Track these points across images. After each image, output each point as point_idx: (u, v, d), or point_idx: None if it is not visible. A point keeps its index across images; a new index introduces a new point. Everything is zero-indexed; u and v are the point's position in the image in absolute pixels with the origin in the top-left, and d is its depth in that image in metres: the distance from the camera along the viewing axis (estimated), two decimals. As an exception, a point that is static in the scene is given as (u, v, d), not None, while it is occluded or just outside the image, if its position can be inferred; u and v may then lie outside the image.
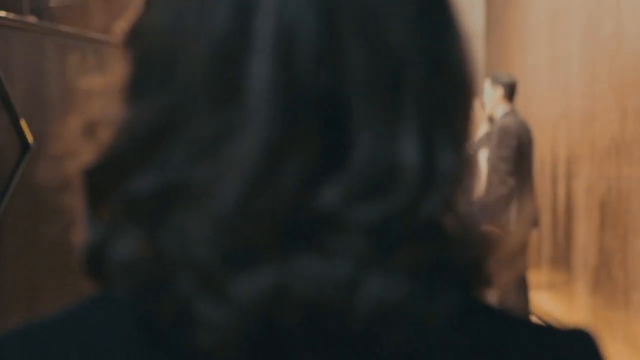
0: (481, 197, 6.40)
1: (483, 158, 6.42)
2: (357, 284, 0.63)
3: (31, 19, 5.18)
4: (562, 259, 7.00)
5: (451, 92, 0.69)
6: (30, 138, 4.40)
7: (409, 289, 0.64)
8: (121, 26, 0.70)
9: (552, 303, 7.40)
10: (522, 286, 6.21)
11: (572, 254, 6.65)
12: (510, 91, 6.25)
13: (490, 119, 6.37)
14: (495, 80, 6.26)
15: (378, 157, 0.65)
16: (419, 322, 0.65)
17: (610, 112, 5.70)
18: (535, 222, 6.19)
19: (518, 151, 6.09)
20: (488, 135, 6.32)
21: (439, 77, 0.68)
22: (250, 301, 0.63)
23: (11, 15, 4.57)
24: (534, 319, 6.39)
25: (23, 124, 4.38)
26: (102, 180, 0.68)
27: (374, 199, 0.64)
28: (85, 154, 0.69)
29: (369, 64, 0.65)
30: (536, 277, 7.96)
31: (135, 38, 0.69)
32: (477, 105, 6.87)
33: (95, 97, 0.70)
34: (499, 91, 6.22)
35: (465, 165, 0.70)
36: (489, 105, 6.29)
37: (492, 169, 6.10)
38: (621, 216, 5.44)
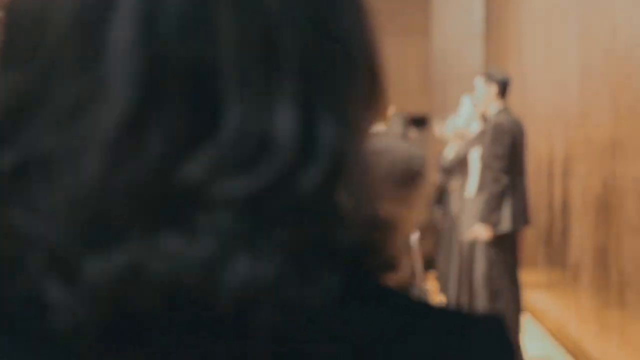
0: (475, 194, 6.39)
1: (476, 156, 6.41)
2: (222, 263, 0.60)
3: None
4: (558, 258, 6.99)
5: (337, 63, 0.66)
6: None
7: (280, 270, 0.61)
8: None
9: (548, 303, 7.39)
10: (514, 285, 6.19)
11: (568, 253, 6.64)
12: (504, 88, 6.24)
13: (484, 117, 6.36)
14: (489, 78, 6.25)
15: (249, 128, 0.62)
16: (293, 307, 0.62)
17: (605, 111, 5.69)
18: (526, 221, 6.18)
19: (511, 149, 6.08)
20: (481, 134, 6.32)
21: (321, 47, 0.65)
22: (101, 282, 0.60)
23: None
24: (520, 317, 6.35)
25: None
26: None
27: (242, 172, 0.62)
28: None
29: (242, 31, 0.63)
30: (532, 277, 7.96)
31: (10, 3, 0.67)
32: (470, 102, 6.86)
33: None
34: (493, 88, 6.21)
35: (359, 142, 0.66)
36: (482, 103, 6.28)
37: (485, 167, 6.10)
38: (616, 215, 5.43)
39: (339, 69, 0.66)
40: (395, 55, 11.59)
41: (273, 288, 0.61)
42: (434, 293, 7.54)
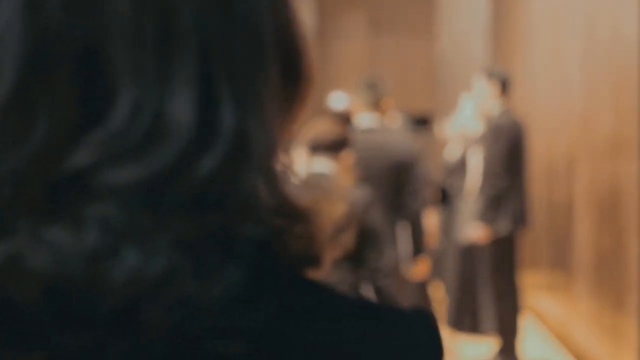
0: (474, 196, 6.35)
1: (478, 157, 6.37)
2: (108, 256, 0.58)
3: None
4: (561, 260, 6.95)
5: (242, 46, 0.63)
6: None
7: (174, 264, 0.59)
8: None
9: (549, 304, 7.35)
10: (512, 287, 6.15)
11: (571, 255, 6.60)
12: (506, 86, 6.19)
13: (485, 117, 6.31)
14: (491, 75, 6.20)
15: (141, 113, 0.60)
16: (189, 302, 0.59)
17: (609, 111, 5.64)
18: (525, 222, 6.14)
19: (511, 151, 6.04)
20: (483, 136, 6.27)
21: (225, 29, 0.63)
22: None
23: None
24: (519, 319, 6.32)
25: None
26: None
27: (133, 159, 0.59)
28: None
29: (135, 12, 0.61)
30: (534, 278, 7.92)
31: None
32: (471, 101, 6.80)
33: None
34: (495, 86, 6.16)
35: (269, 127, 0.64)
36: (483, 100, 6.22)
37: (486, 169, 6.06)
38: (617, 217, 5.38)
39: (244, 53, 0.63)
40: (399, 55, 11.53)
41: (164, 283, 0.58)
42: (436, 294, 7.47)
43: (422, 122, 7.03)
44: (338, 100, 6.19)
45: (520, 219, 6.09)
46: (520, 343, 6.26)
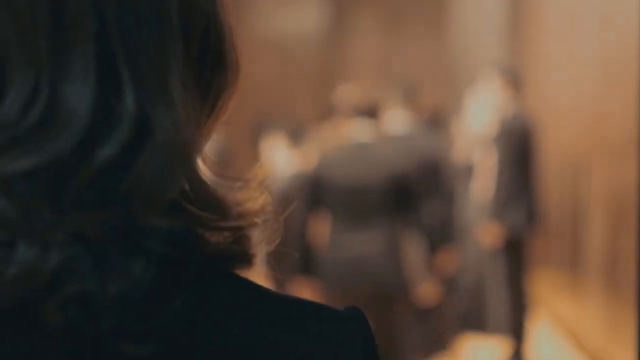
0: (487, 196, 6.30)
1: (490, 158, 6.32)
2: (0, 250, 0.56)
3: None
4: (573, 259, 6.91)
5: (147, 30, 0.60)
6: None
7: (69, 257, 0.56)
8: None
9: (561, 303, 7.31)
10: (521, 287, 6.11)
11: (583, 254, 6.55)
12: (516, 83, 6.15)
13: (498, 116, 6.26)
14: (502, 73, 6.16)
15: (32, 102, 0.57)
16: (91, 299, 0.56)
17: (623, 109, 5.60)
18: (537, 222, 6.10)
19: (523, 151, 6.00)
20: (496, 135, 6.23)
21: (126, 13, 0.60)
22: None
23: None
24: (527, 319, 6.26)
25: None
26: None
27: (23, 149, 0.56)
28: None
29: (29, 2, 0.58)
30: (546, 277, 7.87)
31: None
32: (480, 99, 6.77)
33: None
34: (505, 83, 6.11)
35: (177, 118, 0.60)
36: (494, 98, 6.17)
37: (498, 169, 6.03)
38: (631, 216, 5.34)
39: (145, 35, 0.60)
40: (414, 52, 11.49)
41: (61, 278, 0.56)
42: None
43: (435, 119, 6.98)
44: (348, 93, 6.15)
45: (532, 218, 6.05)
46: (531, 344, 6.22)
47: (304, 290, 4.59)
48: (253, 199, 0.67)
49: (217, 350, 0.62)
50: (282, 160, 5.80)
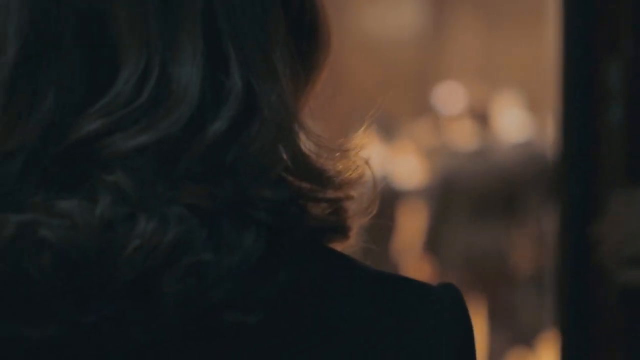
0: None
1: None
2: (120, 224, 0.58)
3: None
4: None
5: (248, 6, 0.62)
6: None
7: (186, 230, 0.58)
8: None
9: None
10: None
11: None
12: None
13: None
14: None
15: (145, 79, 0.59)
16: (205, 271, 0.58)
17: None
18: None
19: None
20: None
21: None
22: None
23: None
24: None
25: None
26: None
27: (141, 125, 0.58)
28: None
29: None
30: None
31: None
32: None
33: None
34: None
35: (282, 92, 0.62)
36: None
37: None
38: None
39: (250, 13, 0.62)
40: (512, 51, 11.23)
41: (179, 251, 0.58)
42: None
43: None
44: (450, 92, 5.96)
45: None
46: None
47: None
48: (352, 170, 0.67)
49: (315, 323, 0.63)
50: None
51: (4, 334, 0.59)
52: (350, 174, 0.67)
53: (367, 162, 0.68)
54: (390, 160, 5.58)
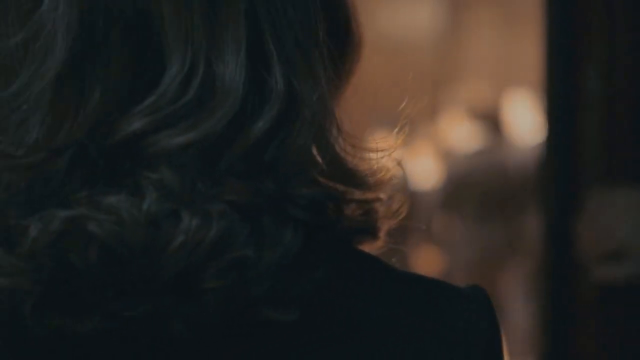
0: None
1: None
2: (165, 220, 0.59)
3: None
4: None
5: (288, 6, 0.63)
6: None
7: (230, 228, 0.59)
8: None
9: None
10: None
11: None
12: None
13: None
14: None
15: (193, 76, 0.60)
16: (247, 267, 0.59)
17: None
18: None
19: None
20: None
21: None
22: (42, 240, 0.58)
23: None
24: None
25: None
26: None
27: (186, 123, 0.59)
28: None
29: None
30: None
31: None
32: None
33: None
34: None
35: (322, 88, 0.63)
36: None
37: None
38: None
39: (291, 14, 0.63)
40: (530, 51, 11.23)
41: (222, 246, 0.59)
42: None
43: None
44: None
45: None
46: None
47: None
48: (384, 172, 0.68)
49: (348, 323, 0.64)
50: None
51: (50, 327, 0.60)
52: (382, 176, 0.68)
53: (398, 164, 0.70)
54: (408, 160, 5.58)
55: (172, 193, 0.59)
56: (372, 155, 0.69)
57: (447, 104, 6.13)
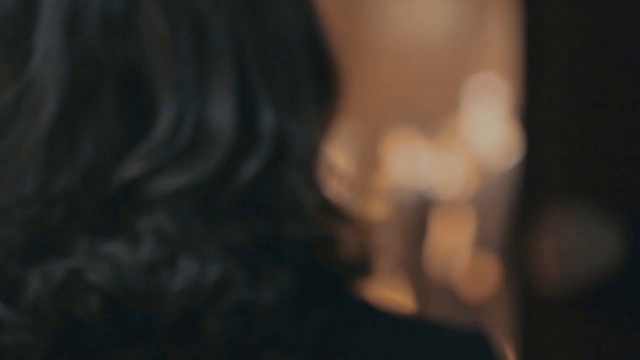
0: None
1: None
2: (164, 266, 0.59)
3: None
4: None
5: (274, 51, 0.65)
6: None
7: (228, 271, 0.60)
8: None
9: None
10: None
11: None
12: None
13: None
14: None
15: (184, 122, 0.61)
16: (246, 309, 0.60)
17: None
18: None
19: None
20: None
21: (256, 35, 0.64)
22: (43, 293, 0.59)
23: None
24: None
25: None
26: None
27: (179, 168, 0.60)
28: None
29: (170, 27, 0.62)
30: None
31: None
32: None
33: None
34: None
35: (308, 128, 0.65)
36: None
37: None
38: None
39: (277, 59, 0.64)
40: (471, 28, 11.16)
41: (221, 290, 0.59)
42: None
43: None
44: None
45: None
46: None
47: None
48: (377, 208, 0.69)
49: None
50: (421, 161, 5.51)
51: None
52: (374, 215, 0.72)
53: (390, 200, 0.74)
54: (430, 159, 5.51)
55: (169, 238, 0.60)
56: (364, 193, 0.71)
57: (467, 101, 6.09)
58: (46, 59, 0.61)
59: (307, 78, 0.66)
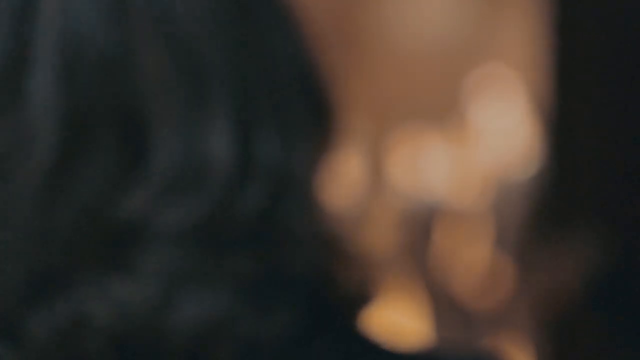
0: None
1: None
2: (168, 304, 0.59)
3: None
4: None
5: (270, 82, 0.64)
6: None
7: (232, 305, 0.60)
8: None
9: None
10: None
11: None
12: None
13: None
14: None
15: (182, 158, 0.61)
16: (250, 343, 0.60)
17: None
18: None
19: None
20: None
21: (251, 67, 0.64)
22: (46, 338, 0.59)
23: None
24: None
25: None
26: None
27: (179, 203, 0.60)
28: None
29: (165, 64, 0.62)
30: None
31: None
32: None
33: None
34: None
35: (306, 159, 0.64)
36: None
37: None
38: None
39: (273, 88, 0.65)
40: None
41: (227, 325, 0.60)
42: None
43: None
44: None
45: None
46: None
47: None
48: (379, 236, 0.69)
49: None
50: (440, 160, 5.44)
51: None
52: (378, 242, 0.70)
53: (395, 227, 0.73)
54: (440, 161, 5.50)
55: (172, 276, 0.60)
56: (365, 222, 0.69)
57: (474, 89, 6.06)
58: (41, 102, 0.62)
59: (304, 108, 0.66)
